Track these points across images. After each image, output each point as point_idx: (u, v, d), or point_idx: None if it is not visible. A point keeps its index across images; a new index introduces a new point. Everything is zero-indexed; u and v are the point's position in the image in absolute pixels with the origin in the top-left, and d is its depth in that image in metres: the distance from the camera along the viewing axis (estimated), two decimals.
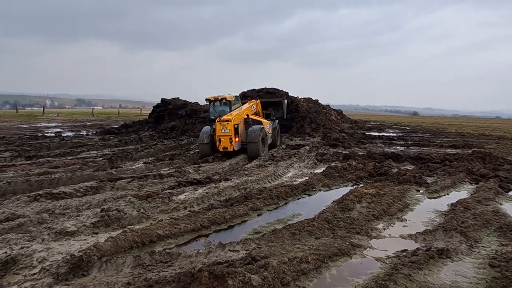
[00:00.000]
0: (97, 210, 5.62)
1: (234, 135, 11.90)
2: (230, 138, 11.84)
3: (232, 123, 11.92)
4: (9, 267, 3.78)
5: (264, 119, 14.20)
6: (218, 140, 12.00)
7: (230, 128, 11.89)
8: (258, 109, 15.07)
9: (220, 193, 7.21)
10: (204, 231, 5.14)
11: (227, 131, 11.92)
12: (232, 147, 11.86)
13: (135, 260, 3.97)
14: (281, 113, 16.64)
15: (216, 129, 12.05)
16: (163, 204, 6.22)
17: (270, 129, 13.84)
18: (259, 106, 15.32)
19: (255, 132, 11.91)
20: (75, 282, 3.57)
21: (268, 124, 13.73)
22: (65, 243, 4.53)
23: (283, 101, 17.21)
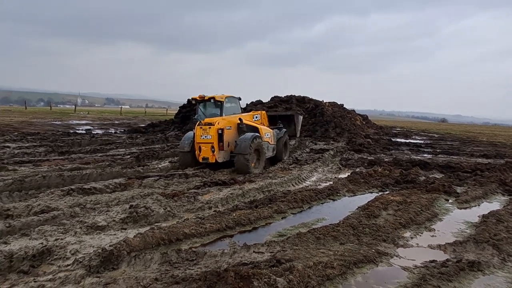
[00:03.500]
0: (125, 207, 5.79)
1: (217, 142, 9.56)
2: (212, 147, 9.52)
3: (215, 128, 9.54)
4: (44, 257, 3.96)
5: (266, 126, 11.73)
6: (198, 148, 9.74)
7: (213, 133, 9.49)
8: (263, 122, 12.39)
9: (245, 194, 7.27)
10: (229, 231, 5.20)
11: (209, 137, 9.52)
12: (214, 157, 9.52)
13: (162, 257, 4.07)
14: (293, 130, 13.77)
15: (196, 134, 9.76)
16: (189, 203, 6.33)
17: (272, 139, 11.38)
18: (264, 118, 12.63)
19: (246, 141, 9.47)
20: (106, 275, 3.70)
21: (269, 133, 11.23)
22: (96, 237, 4.70)
23: (295, 115, 13.99)
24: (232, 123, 10.23)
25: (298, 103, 24.06)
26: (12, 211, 5.41)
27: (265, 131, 11.08)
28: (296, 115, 14.24)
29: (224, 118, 10.03)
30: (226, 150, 9.83)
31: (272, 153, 11.48)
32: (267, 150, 10.81)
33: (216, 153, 9.59)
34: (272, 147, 11.43)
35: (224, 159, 9.82)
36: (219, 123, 9.71)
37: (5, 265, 3.68)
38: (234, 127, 10.30)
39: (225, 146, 9.76)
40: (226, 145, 9.79)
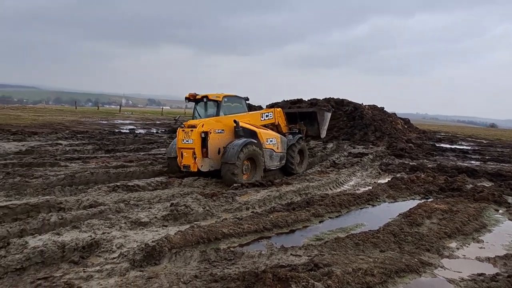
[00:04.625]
0: (166, 204, 6.00)
1: (199, 148, 8.18)
2: (194, 153, 8.17)
3: (197, 131, 8.15)
4: (93, 250, 4.19)
5: (270, 130, 9.88)
6: (180, 154, 8.51)
7: (194, 137, 8.14)
8: (278, 121, 10.65)
9: (282, 196, 7.26)
10: (266, 233, 5.23)
11: (190, 142, 8.22)
12: (195, 166, 8.16)
13: (202, 255, 4.17)
14: (316, 130, 11.55)
15: (177, 138, 8.57)
16: (227, 204, 6.43)
17: (279, 146, 9.60)
18: (280, 117, 10.83)
19: (234, 148, 8.14)
20: (148, 269, 3.85)
21: (273, 138, 9.48)
22: (139, 232, 4.90)
23: (318, 112, 11.61)
24: (226, 125, 8.74)
25: (337, 106, 23.67)
26: (64, 204, 5.78)
27: (267, 136, 9.35)
28: (319, 111, 11.73)
29: (214, 119, 8.71)
30: (213, 157, 8.35)
31: (279, 163, 9.67)
32: (269, 159, 9.22)
33: (198, 160, 8.15)
34: (279, 155, 9.62)
35: (210, 167, 8.36)
36: (204, 126, 8.28)
37: (58, 255, 3.94)
38: (229, 131, 8.77)
39: (211, 153, 8.30)
40: (213, 152, 8.35)
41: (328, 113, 12.10)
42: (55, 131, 18.27)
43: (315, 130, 11.63)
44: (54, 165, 9.42)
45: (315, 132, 11.69)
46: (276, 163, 9.60)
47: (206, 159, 8.31)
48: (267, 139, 9.30)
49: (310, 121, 11.55)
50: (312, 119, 11.53)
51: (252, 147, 8.52)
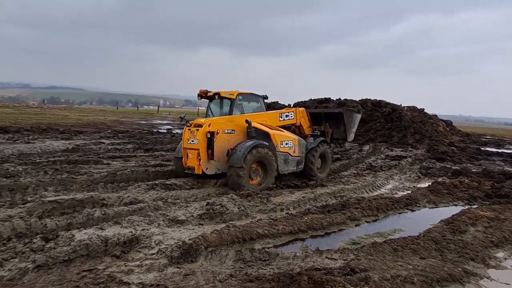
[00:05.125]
0: (202, 203, 6.12)
1: (204, 149, 7.70)
2: (199, 154, 7.70)
3: (203, 130, 7.66)
4: (133, 245, 4.37)
5: (286, 132, 9.10)
6: (185, 154, 8.10)
7: (200, 137, 7.64)
8: (300, 121, 9.97)
9: (317, 198, 7.20)
10: (301, 235, 5.20)
11: (195, 142, 7.75)
12: (200, 168, 7.71)
13: (237, 254, 4.22)
14: (342, 132, 10.62)
15: (183, 137, 8.16)
16: (261, 204, 6.46)
17: (296, 149, 8.85)
18: (303, 117, 10.10)
19: (241, 151, 7.52)
20: (185, 266, 3.95)
21: (290, 141, 8.72)
22: (177, 230, 5.04)
23: (345, 113, 10.61)
24: (238, 125, 8.18)
25: (374, 107, 23.06)
26: (107, 200, 6.06)
27: (282, 138, 8.63)
28: (346, 112, 10.69)
29: (225, 118, 8.19)
30: (221, 159, 7.82)
31: (296, 168, 8.95)
32: (283, 163, 8.53)
33: (202, 162, 7.66)
34: (296, 159, 8.88)
35: (217, 170, 7.85)
36: (210, 125, 7.77)
37: (102, 249, 4.14)
38: (241, 131, 8.19)
39: (218, 155, 7.78)
40: (221, 154, 7.81)
41: (357, 114, 11.00)
42: (98, 131, 19.20)
43: (342, 133, 10.68)
44: (97, 163, 9.90)
45: (341, 134, 10.72)
46: (292, 167, 8.85)
47: (212, 161, 7.76)
48: (282, 142, 8.57)
49: (336, 123, 10.67)
50: (339, 121, 10.62)
51: (262, 149, 7.84)
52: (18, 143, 13.36)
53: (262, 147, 7.86)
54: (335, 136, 10.84)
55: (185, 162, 8.08)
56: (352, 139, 11.33)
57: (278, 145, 8.42)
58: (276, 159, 8.25)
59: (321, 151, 9.46)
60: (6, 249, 3.99)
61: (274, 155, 8.15)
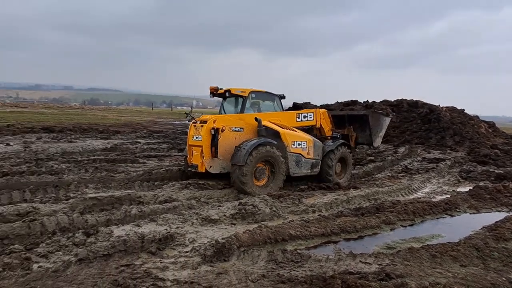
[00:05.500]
0: (235, 203, 6.18)
1: (208, 146, 7.42)
2: (202, 151, 7.43)
3: (207, 126, 7.39)
4: (168, 242, 4.48)
5: (300, 132, 8.53)
6: (190, 151, 7.88)
7: (204, 134, 7.37)
8: (320, 123, 9.39)
9: (349, 201, 7.06)
10: (333, 237, 5.12)
11: (199, 139, 7.50)
12: (203, 166, 7.44)
13: (269, 255, 4.22)
14: (367, 136, 9.88)
15: (188, 134, 7.99)
16: (293, 205, 6.43)
17: (310, 151, 8.29)
18: (324, 120, 9.53)
19: (245, 148, 7.12)
20: (218, 265, 4.00)
21: (303, 141, 8.18)
22: (210, 229, 5.13)
23: (371, 115, 9.82)
24: (248, 124, 7.80)
25: (410, 108, 22.28)
26: (143, 198, 6.27)
27: (294, 137, 8.07)
28: (372, 115, 9.90)
29: (234, 116, 7.93)
30: (226, 158, 7.43)
31: (310, 171, 8.38)
32: (295, 165, 8.00)
33: (206, 160, 7.37)
34: (311, 162, 8.32)
35: (222, 169, 7.52)
36: (216, 121, 7.46)
37: (138, 245, 4.28)
38: (251, 130, 7.79)
39: (223, 153, 7.42)
40: (226, 152, 7.44)
41: (385, 117, 10.18)
42: (134, 130, 19.90)
43: (367, 137, 9.89)
44: (134, 162, 10.27)
45: (366, 139, 9.96)
46: (305, 170, 8.27)
47: (216, 159, 7.40)
48: (294, 142, 8.02)
49: (361, 126, 9.94)
50: (364, 124, 9.86)
51: (269, 148, 7.36)
52: (62, 142, 14.12)
53: (268, 145, 7.41)
54: (360, 141, 10.12)
55: (190, 159, 7.86)
56: (379, 145, 10.59)
57: (289, 145, 7.92)
58: (286, 160, 7.77)
59: (340, 155, 8.86)
60: (51, 242, 4.23)
61: (283, 156, 7.69)
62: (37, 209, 5.34)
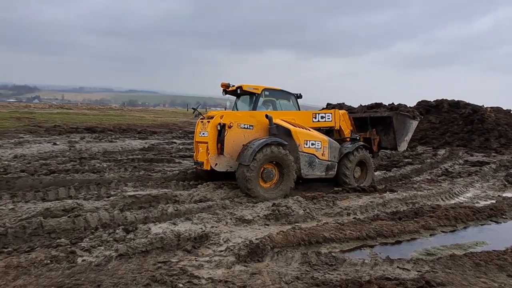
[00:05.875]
0: (268, 204, 6.19)
1: (214, 143, 7.11)
2: (208, 148, 7.15)
3: (213, 122, 7.11)
4: (203, 241, 4.57)
5: (314, 131, 8.02)
6: (197, 148, 7.67)
7: (210, 130, 7.10)
8: (340, 125, 8.90)
9: (386, 204, 6.85)
10: (369, 241, 5.00)
11: (205, 135, 7.24)
12: (208, 163, 7.13)
13: (303, 257, 4.19)
14: (392, 140, 9.30)
15: (196, 130, 7.79)
16: (327, 207, 6.34)
17: (326, 153, 7.85)
18: (344, 121, 9.07)
19: (251, 148, 6.79)
20: (252, 265, 4.02)
21: (317, 141, 7.75)
22: (243, 229, 5.17)
23: (395, 117, 9.20)
24: (259, 122, 7.45)
25: (451, 108, 21.30)
26: (179, 197, 6.43)
27: (307, 137, 7.62)
28: (396, 117, 9.21)
29: (244, 113, 7.64)
30: (234, 156, 7.10)
31: (325, 174, 7.92)
32: (307, 166, 7.58)
33: (211, 157, 7.05)
34: (326, 164, 7.86)
35: (228, 168, 7.18)
36: (223, 117, 7.16)
37: (175, 242, 4.40)
38: (262, 128, 7.47)
39: (230, 150, 7.09)
40: (234, 149, 7.11)
41: (412, 120, 9.55)
42: (170, 131, 20.46)
43: (391, 141, 9.29)
44: (170, 161, 10.56)
45: (390, 143, 9.35)
46: (319, 172, 7.81)
47: (222, 157, 7.07)
48: (306, 141, 7.56)
49: (384, 129, 9.39)
50: (388, 127, 9.30)
51: (278, 148, 6.95)
52: (103, 141, 14.79)
53: (277, 145, 6.99)
54: (383, 145, 9.54)
55: (196, 156, 7.62)
56: (404, 150, 9.90)
57: (301, 145, 7.50)
58: (298, 160, 7.38)
59: (359, 158, 8.33)
60: (94, 238, 4.44)
61: (294, 156, 7.29)
62: (81, 206, 5.64)
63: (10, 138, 14.13)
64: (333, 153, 8.02)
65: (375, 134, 9.43)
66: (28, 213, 5.21)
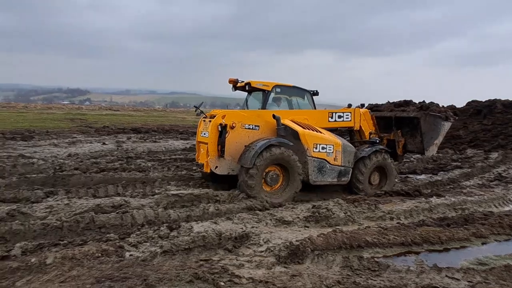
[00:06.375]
0: (308, 206, 6.15)
1: (215, 144, 6.74)
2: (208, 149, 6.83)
3: (214, 122, 6.74)
4: (243, 241, 4.62)
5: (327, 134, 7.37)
6: (198, 149, 7.41)
7: (211, 130, 6.73)
8: (360, 125, 8.26)
9: (432, 209, 6.55)
10: (414, 247, 4.80)
11: (206, 135, 6.92)
12: (208, 165, 6.82)
13: (344, 260, 4.11)
14: (418, 143, 8.43)
15: (197, 130, 7.46)
16: (369, 211, 6.18)
17: (338, 158, 7.20)
18: (366, 121, 8.40)
19: (253, 149, 6.43)
20: (292, 267, 4.01)
21: (329, 145, 7.09)
22: (283, 230, 5.17)
23: (422, 119, 8.24)
24: (267, 122, 7.00)
25: (505, 109, 19.88)
26: (219, 197, 6.54)
27: (317, 140, 7.01)
28: (425, 118, 8.26)
29: (247, 111, 7.26)
30: (235, 158, 6.75)
31: (337, 180, 7.27)
32: (316, 171, 6.99)
33: (210, 159, 6.71)
34: (338, 169, 7.22)
35: (230, 171, 6.83)
36: (225, 117, 6.75)
37: (216, 241, 4.49)
38: (268, 129, 7.01)
39: (231, 152, 6.72)
40: (236, 152, 6.73)
41: (444, 122, 8.48)
42: None
43: (417, 144, 8.42)
44: None
45: (417, 146, 8.46)
46: (330, 179, 7.18)
47: (223, 159, 6.71)
48: (316, 145, 6.97)
49: (411, 131, 8.52)
50: (414, 128, 8.43)
51: (283, 150, 6.56)
52: (147, 142, 15.42)
53: (282, 146, 6.61)
54: (409, 148, 8.64)
55: (197, 157, 7.37)
56: (433, 154, 8.87)
57: (309, 148, 6.91)
58: (306, 165, 6.86)
59: (377, 163, 7.61)
60: (140, 234, 4.64)
61: (302, 160, 6.82)
62: (128, 203, 5.93)
63: (65, 138, 15.16)
64: (347, 158, 7.35)
65: (400, 136, 8.62)
66: (81, 208, 5.56)
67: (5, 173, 7.90)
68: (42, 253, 3.92)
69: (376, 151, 7.63)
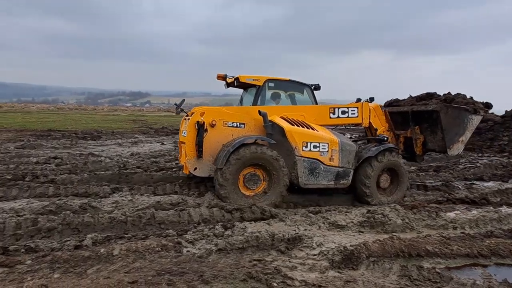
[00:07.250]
0: (363, 211, 5.97)
1: (192, 144, 6.25)
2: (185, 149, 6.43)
3: (192, 120, 6.27)
4: (296, 243, 4.62)
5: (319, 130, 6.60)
6: (180, 149, 6.98)
7: (189, 128, 6.29)
8: (371, 121, 7.47)
9: (502, 220, 6.02)
10: (481, 260, 4.46)
11: (184, 135, 6.51)
12: (186, 167, 6.44)
13: (402, 269, 3.94)
14: (440, 140, 7.33)
15: (180, 129, 7.07)
16: (429, 219, 5.84)
17: (335, 157, 6.47)
18: (377, 117, 7.58)
19: (227, 148, 5.95)
20: (346, 272, 3.93)
21: (322, 143, 6.39)
22: (337, 234, 5.07)
23: (443, 113, 7.06)
24: (253, 118, 6.47)
25: None
26: None
27: (307, 137, 6.31)
28: (446, 110, 7.11)
29: (232, 108, 6.82)
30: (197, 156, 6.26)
31: (334, 182, 6.53)
32: (307, 173, 6.33)
33: (188, 160, 6.25)
34: (335, 171, 6.49)
35: (210, 173, 6.32)
36: (204, 114, 6.26)
37: (269, 242, 4.54)
38: (255, 126, 6.48)
39: (211, 153, 6.26)
40: (216, 151, 6.27)
41: (471, 116, 7.29)
42: None
43: (438, 141, 7.34)
44: None
45: (438, 144, 7.37)
46: (325, 181, 6.46)
47: (202, 160, 6.24)
48: (306, 143, 6.26)
49: (430, 127, 7.44)
50: (433, 124, 7.33)
51: (261, 149, 5.96)
52: None
53: (260, 144, 6.05)
54: (430, 146, 7.60)
55: (180, 158, 7.04)
56: (458, 153, 7.61)
57: (298, 147, 6.23)
58: (295, 166, 6.24)
59: (386, 164, 6.76)
60: (196, 231, 4.84)
61: (291, 161, 6.25)
62: (185, 201, 6.20)
63: (128, 138, 16.25)
64: (346, 158, 6.56)
65: (419, 132, 7.61)
66: (143, 204, 5.92)
67: (77, 170, 8.67)
68: (110, 245, 4.25)
69: (384, 150, 6.74)
